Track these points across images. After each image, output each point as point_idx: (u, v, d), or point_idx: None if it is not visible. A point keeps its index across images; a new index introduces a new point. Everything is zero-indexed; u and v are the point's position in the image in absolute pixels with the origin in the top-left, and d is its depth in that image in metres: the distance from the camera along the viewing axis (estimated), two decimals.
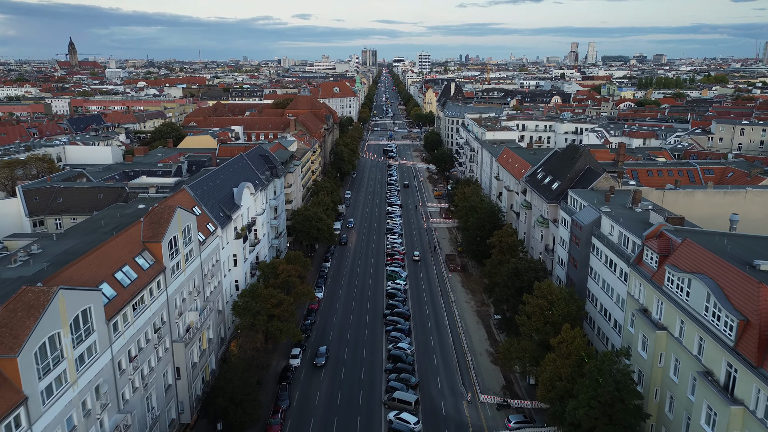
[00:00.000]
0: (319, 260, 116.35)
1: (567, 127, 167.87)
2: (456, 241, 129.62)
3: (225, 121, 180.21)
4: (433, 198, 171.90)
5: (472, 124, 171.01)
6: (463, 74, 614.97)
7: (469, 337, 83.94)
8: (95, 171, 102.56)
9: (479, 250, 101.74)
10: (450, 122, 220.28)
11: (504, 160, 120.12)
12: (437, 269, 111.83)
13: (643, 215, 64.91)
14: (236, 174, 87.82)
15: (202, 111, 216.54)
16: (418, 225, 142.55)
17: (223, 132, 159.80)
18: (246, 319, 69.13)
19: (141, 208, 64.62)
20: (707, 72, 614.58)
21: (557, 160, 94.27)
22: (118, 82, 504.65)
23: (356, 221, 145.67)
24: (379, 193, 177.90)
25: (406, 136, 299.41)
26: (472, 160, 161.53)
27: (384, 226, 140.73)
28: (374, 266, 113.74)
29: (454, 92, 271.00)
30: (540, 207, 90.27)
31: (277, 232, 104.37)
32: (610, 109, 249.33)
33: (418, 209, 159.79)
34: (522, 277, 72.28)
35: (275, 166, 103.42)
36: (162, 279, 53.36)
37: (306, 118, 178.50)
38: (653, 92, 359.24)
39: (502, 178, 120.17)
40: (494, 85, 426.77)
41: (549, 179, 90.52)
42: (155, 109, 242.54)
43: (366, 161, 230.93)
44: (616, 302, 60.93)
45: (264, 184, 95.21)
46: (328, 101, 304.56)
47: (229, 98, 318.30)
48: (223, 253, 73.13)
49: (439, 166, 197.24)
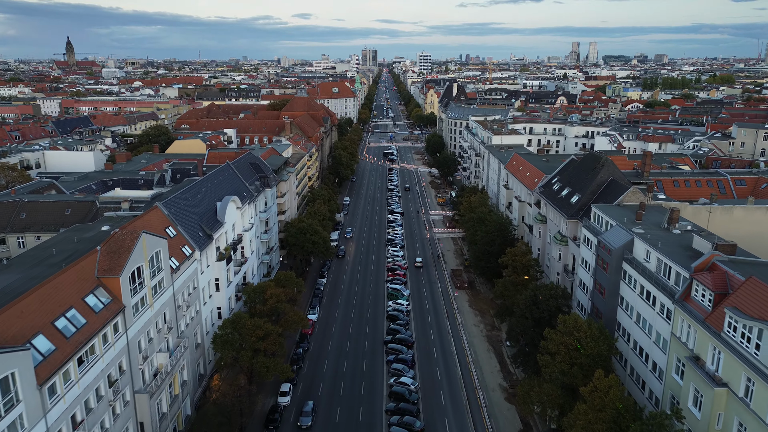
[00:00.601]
0: (315, 276, 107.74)
1: (577, 131, 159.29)
2: (461, 253, 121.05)
3: (218, 124, 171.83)
4: (436, 205, 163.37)
5: (476, 127, 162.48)
6: (464, 74, 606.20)
7: (479, 368, 75.34)
8: (69, 181, 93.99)
9: (488, 267, 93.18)
10: (453, 124, 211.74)
11: (514, 168, 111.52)
12: (442, 286, 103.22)
13: (684, 238, 56.35)
14: (221, 186, 79.25)
15: (195, 113, 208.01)
16: (421, 235, 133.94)
17: (215, 135, 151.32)
18: (227, 354, 60.60)
19: (104, 230, 55.95)
20: (710, 72, 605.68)
21: (575, 170, 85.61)
22: (114, 82, 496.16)
23: (355, 230, 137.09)
24: (380, 199, 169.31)
25: (407, 138, 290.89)
26: (477, 165, 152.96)
27: (384, 236, 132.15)
28: (374, 282, 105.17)
29: (456, 93, 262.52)
30: (557, 222, 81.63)
31: (268, 247, 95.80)
32: (619, 110, 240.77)
33: (420, 215, 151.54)
34: (541, 307, 63.69)
35: (266, 175, 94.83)
36: (121, 320, 44.80)
37: (303, 120, 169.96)
38: (660, 93, 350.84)
39: (511, 187, 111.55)
40: (496, 85, 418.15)
41: (567, 191, 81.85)
42: (147, 110, 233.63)
43: (366, 164, 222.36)
44: (656, 342, 52.34)
45: (253, 196, 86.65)
46: (327, 102, 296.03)
47: (225, 99, 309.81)
48: (203, 278, 64.58)
49: (441, 170, 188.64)
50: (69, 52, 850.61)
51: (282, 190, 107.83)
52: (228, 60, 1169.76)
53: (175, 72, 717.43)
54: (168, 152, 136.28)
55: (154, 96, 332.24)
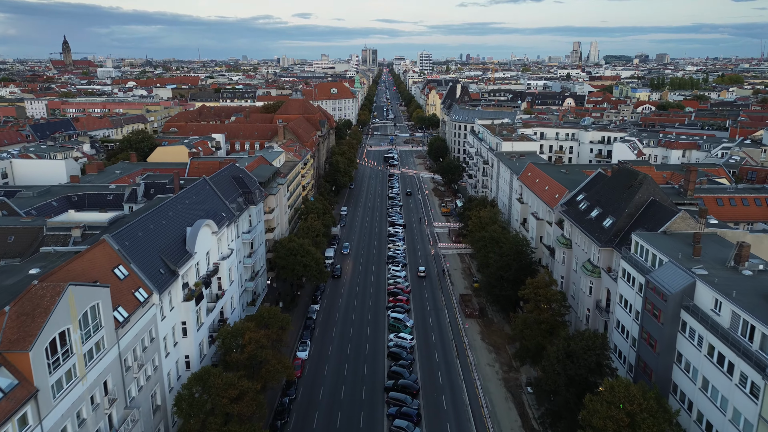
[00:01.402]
0: (306, 301, 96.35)
1: (592, 136, 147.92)
2: (469, 272, 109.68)
3: (206, 128, 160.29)
4: (440, 215, 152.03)
5: (484, 132, 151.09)
6: (466, 74, 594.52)
7: (497, 423, 63.92)
8: (27, 197, 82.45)
9: (503, 295, 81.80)
10: (457, 127, 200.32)
11: (529, 180, 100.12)
12: (450, 314, 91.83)
13: (760, 283, 45.00)
14: (195, 206, 67.81)
15: (184, 115, 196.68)
16: (425, 250, 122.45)
17: (202, 141, 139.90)
18: (192, 424, 49.18)
19: (31, 274, 44.44)
20: (715, 72, 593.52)
21: (605, 187, 74.12)
22: (107, 82, 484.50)
23: (353, 245, 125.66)
24: (380, 208, 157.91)
25: (408, 141, 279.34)
26: (485, 174, 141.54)
27: (385, 251, 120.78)
28: (373, 308, 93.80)
29: (460, 94, 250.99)
30: (587, 248, 70.18)
31: (253, 272, 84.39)
32: (631, 113, 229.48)
33: (423, 225, 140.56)
34: (578, 362, 52.24)
35: (250, 191, 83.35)
36: (32, 409, 33.45)
37: (297, 124, 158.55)
38: (669, 94, 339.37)
39: (527, 201, 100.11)
40: (500, 85, 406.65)
41: (597, 213, 70.38)
42: (136, 112, 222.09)
43: (365, 170, 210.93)
44: (733, 420, 40.98)
45: (234, 216, 75.26)
46: (325, 103, 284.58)
47: (219, 100, 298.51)
48: (165, 324, 53.16)
49: (445, 177, 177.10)
50: (66, 52, 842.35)
51: (270, 204, 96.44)
52: (227, 60, 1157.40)
53: (172, 72, 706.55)
54: (149, 160, 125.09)
55: (147, 97, 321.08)
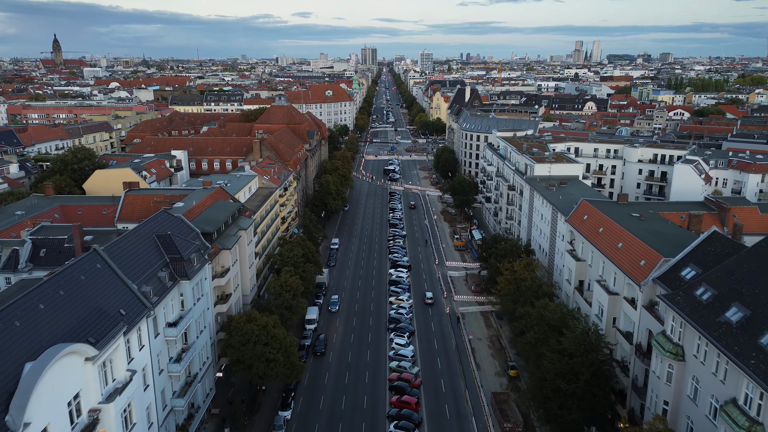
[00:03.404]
0: (271, 409, 68.24)
1: (641, 153, 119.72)
2: (499, 344, 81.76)
3: (169, 142, 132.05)
4: (452, 247, 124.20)
5: (506, 148, 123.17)
6: (469, 74, 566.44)
7: None
8: None
9: (567, 420, 53.68)
10: (468, 137, 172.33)
11: (586, 227, 71.94)
12: (479, 426, 63.86)
13: None
14: (68, 304, 39.78)
15: (152, 123, 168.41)
16: (439, 307, 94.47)
17: (157, 161, 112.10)
18: None
19: None
20: (725, 72, 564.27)
21: (742, 265, 45.89)
22: (90, 82, 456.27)
23: (344, 299, 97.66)
24: (379, 239, 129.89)
25: (410, 149, 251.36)
26: (510, 201, 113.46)
27: (386, 308, 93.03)
28: (369, 414, 65.86)
29: (469, 98, 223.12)
30: (729, 379, 41.90)
31: (186, 378, 56.43)
32: (666, 120, 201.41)
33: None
34: None
35: (182, 257, 55.18)
36: None
37: (279, 138, 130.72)
38: (693, 96, 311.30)
39: (585, 258, 71.77)
40: (508, 87, 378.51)
41: (740, 315, 42.07)
42: (101, 119, 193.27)
43: (362, 185, 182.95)
44: None
45: (146, 308, 47.33)
46: (319, 107, 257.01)
47: (203, 103, 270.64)
48: None
49: (457, 199, 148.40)
50: (56, 51, 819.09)
51: (224, 262, 68.42)
52: (226, 59, 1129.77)
53: (166, 71, 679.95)
54: (86, 187, 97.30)
55: (125, 100, 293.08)
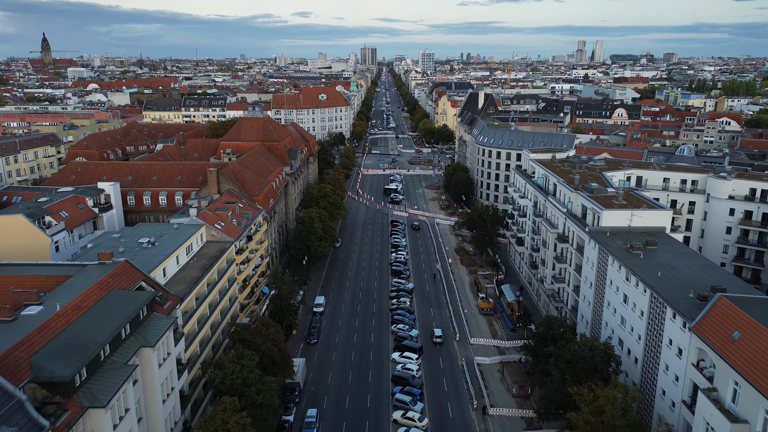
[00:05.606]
0: None
1: (732, 188, 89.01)
2: None
3: (100, 169, 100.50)
4: (476, 309, 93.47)
5: (547, 177, 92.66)
6: (472, 74, 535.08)
7: None
8: None
9: None
10: (486, 154, 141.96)
11: (737, 350, 41.18)
12: None
13: None
14: None
15: (99, 138, 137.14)
16: (468, 428, 63.77)
17: (75, 198, 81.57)
18: None
19: None
20: (740, 73, 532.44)
21: None
22: (68, 84, 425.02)
23: (325, 414, 66.83)
24: (378, 295, 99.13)
25: (414, 161, 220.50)
26: (561, 258, 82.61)
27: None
28: None
29: (483, 104, 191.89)
30: None
31: None
32: (718, 132, 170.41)
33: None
34: None
35: None
36: None
37: (250, 160, 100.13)
38: (726, 101, 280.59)
39: (743, 412, 41.03)
40: (518, 89, 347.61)
41: None
42: (49, 130, 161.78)
43: (358, 210, 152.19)
44: None
45: None
46: (312, 113, 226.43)
47: (180, 108, 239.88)
48: None
49: (477, 233, 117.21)
50: (45, 50, 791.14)
51: (97, 426, 37.66)
52: (224, 59, 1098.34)
53: (159, 71, 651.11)
54: None
55: (97, 104, 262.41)
